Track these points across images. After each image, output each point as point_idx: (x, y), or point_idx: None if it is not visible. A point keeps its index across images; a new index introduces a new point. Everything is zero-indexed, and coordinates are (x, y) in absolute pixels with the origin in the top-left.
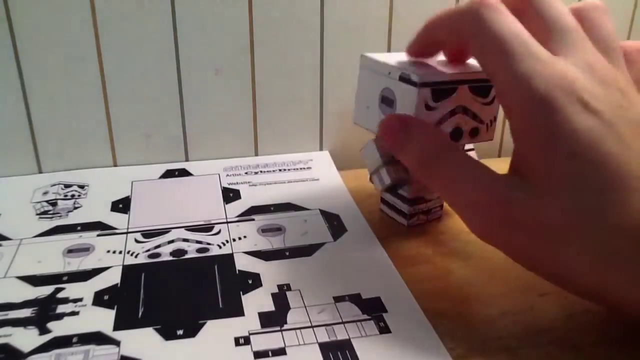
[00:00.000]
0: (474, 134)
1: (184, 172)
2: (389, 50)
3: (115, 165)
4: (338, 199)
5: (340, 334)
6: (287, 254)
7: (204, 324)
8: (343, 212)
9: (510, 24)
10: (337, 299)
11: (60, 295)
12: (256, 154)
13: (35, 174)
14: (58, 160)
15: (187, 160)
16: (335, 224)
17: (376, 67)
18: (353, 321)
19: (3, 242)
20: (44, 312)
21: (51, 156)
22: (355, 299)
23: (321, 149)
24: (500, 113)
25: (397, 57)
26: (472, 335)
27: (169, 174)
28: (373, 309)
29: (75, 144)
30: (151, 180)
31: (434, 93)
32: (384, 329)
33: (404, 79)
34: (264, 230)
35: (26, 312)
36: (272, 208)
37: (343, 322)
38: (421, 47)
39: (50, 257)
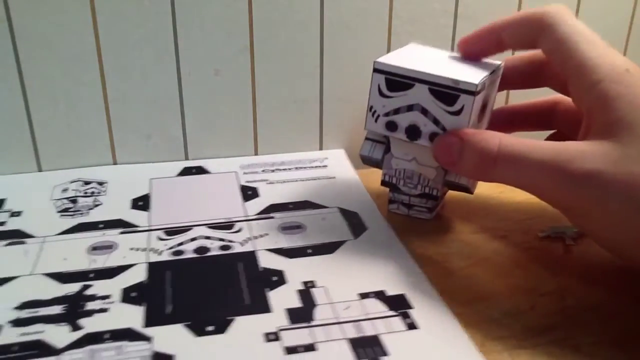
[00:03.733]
0: (434, 139)
1: (201, 170)
2: (388, 50)
3: (114, 165)
4: (356, 196)
5: (368, 330)
6: (309, 251)
7: (233, 320)
8: (361, 210)
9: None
10: (363, 296)
11: (88, 292)
12: (255, 154)
13: (35, 173)
14: (58, 160)
15: (186, 160)
16: (354, 221)
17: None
18: (380, 317)
19: (27, 240)
20: (74, 308)
21: (51, 156)
22: (380, 295)
23: (321, 149)
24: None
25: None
26: (473, 335)
27: (186, 171)
28: (399, 306)
29: (75, 144)
30: (169, 178)
31: (387, 82)
32: (411, 325)
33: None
34: (285, 228)
35: (56, 309)
36: (290, 206)
37: (370, 319)
38: (480, 44)
39: (75, 255)
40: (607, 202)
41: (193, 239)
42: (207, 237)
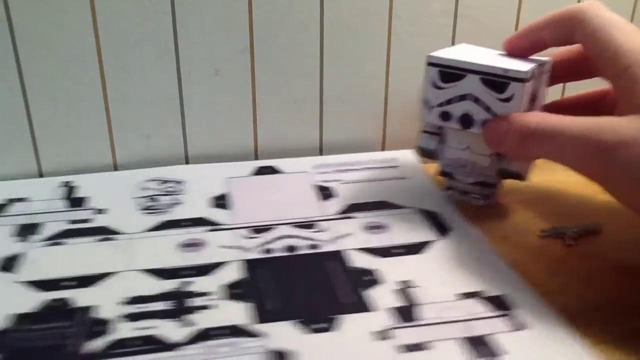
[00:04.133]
0: None
1: (273, 170)
2: (388, 50)
3: (115, 166)
4: (431, 197)
5: (477, 330)
6: (398, 251)
7: (340, 318)
8: (441, 210)
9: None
10: (462, 296)
11: (189, 288)
12: (255, 156)
13: (36, 174)
14: (58, 161)
15: (187, 162)
16: (436, 222)
17: None
18: (485, 317)
19: (117, 237)
20: (181, 304)
21: (51, 156)
22: (480, 296)
23: (321, 149)
24: None
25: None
26: None
27: (259, 171)
28: (501, 306)
29: (75, 144)
30: (244, 177)
31: (441, 74)
32: (519, 325)
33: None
34: (368, 228)
35: (163, 305)
36: (369, 206)
37: (476, 319)
38: (523, 44)
39: (167, 252)
40: (637, 173)
41: (279, 238)
42: (293, 236)
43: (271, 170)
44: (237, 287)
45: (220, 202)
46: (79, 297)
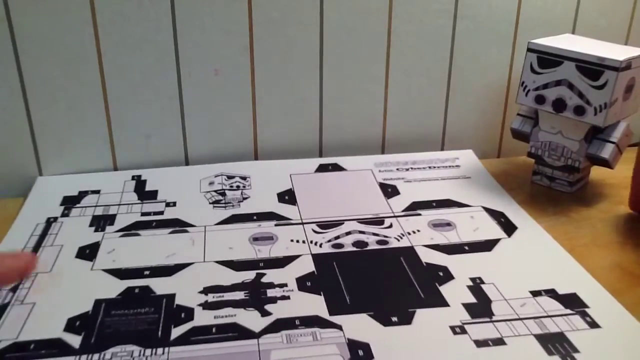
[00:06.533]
0: (578, 112)
1: (336, 167)
2: (388, 50)
3: (115, 166)
4: (496, 196)
5: (551, 327)
6: (467, 248)
7: (414, 312)
8: (506, 209)
9: None
10: (534, 294)
11: (264, 280)
12: (255, 155)
13: (35, 174)
14: (58, 160)
15: (187, 163)
16: (502, 220)
17: None
18: (559, 315)
19: (189, 229)
20: (257, 295)
21: (51, 156)
22: (552, 293)
23: (320, 148)
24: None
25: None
26: None
27: (322, 168)
28: (574, 304)
29: (75, 144)
30: (308, 174)
31: (539, 60)
32: (593, 324)
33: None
34: (435, 225)
35: (239, 295)
36: (434, 204)
37: (550, 316)
38: None
39: (239, 244)
40: None
41: (348, 233)
42: (361, 232)
43: (335, 168)
44: (309, 279)
45: (287, 197)
46: (160, 286)
